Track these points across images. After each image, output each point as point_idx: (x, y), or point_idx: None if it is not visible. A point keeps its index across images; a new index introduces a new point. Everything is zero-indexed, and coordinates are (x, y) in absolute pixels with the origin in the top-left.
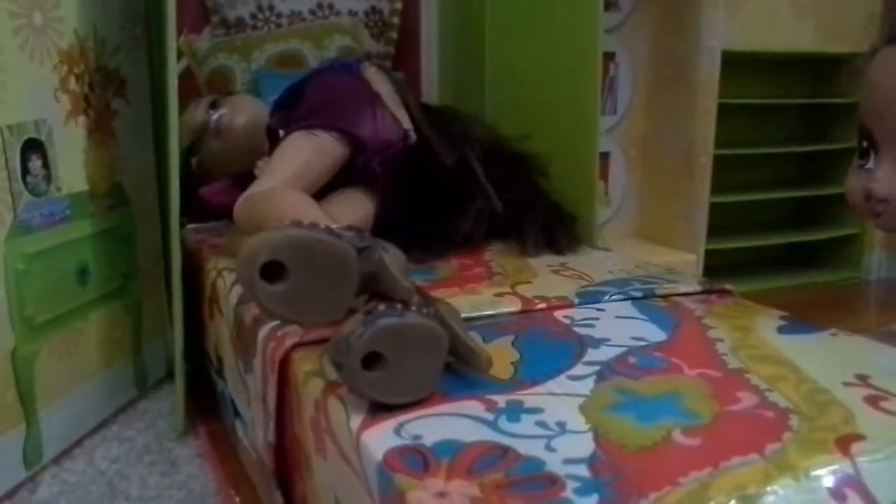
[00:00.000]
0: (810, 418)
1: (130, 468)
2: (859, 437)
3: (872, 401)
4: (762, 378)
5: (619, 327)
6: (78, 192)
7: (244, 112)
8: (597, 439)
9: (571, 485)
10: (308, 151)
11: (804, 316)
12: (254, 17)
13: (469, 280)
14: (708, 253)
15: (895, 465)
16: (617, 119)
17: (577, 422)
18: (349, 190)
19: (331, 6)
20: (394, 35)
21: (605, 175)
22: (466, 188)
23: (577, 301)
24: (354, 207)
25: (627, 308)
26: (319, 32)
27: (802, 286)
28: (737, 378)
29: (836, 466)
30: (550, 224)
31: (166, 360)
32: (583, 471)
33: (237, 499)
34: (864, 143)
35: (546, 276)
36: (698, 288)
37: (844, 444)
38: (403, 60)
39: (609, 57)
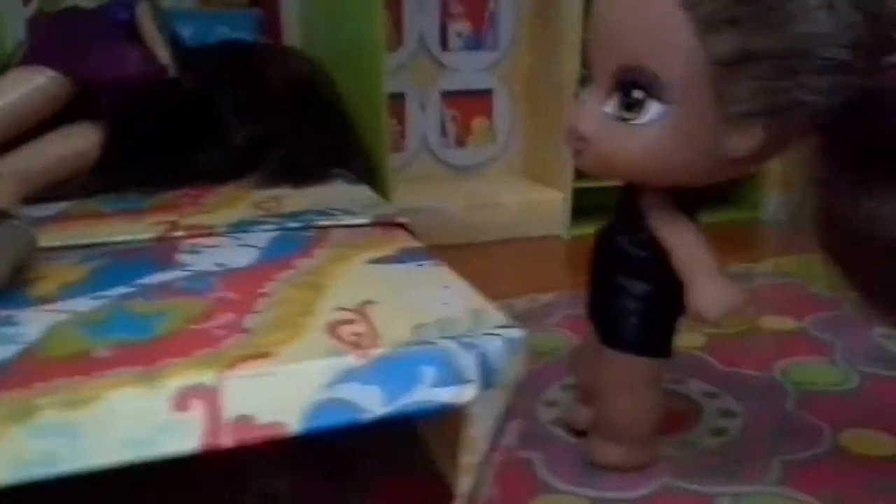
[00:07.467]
0: (255, 337)
1: None
2: (263, 356)
3: (336, 325)
4: (275, 301)
5: (222, 255)
6: None
7: None
8: (26, 349)
9: None
10: (19, 87)
11: None
12: None
13: (162, 211)
14: (590, 192)
15: (264, 383)
16: (499, 55)
17: (33, 332)
18: (75, 124)
19: None
20: None
21: (488, 112)
22: (213, 124)
23: (223, 230)
24: (70, 140)
25: (265, 238)
26: None
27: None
28: (248, 301)
29: (200, 378)
30: (296, 157)
31: None
32: None
33: None
34: (584, 72)
35: (239, 209)
36: (366, 221)
37: (242, 360)
38: None
39: None
